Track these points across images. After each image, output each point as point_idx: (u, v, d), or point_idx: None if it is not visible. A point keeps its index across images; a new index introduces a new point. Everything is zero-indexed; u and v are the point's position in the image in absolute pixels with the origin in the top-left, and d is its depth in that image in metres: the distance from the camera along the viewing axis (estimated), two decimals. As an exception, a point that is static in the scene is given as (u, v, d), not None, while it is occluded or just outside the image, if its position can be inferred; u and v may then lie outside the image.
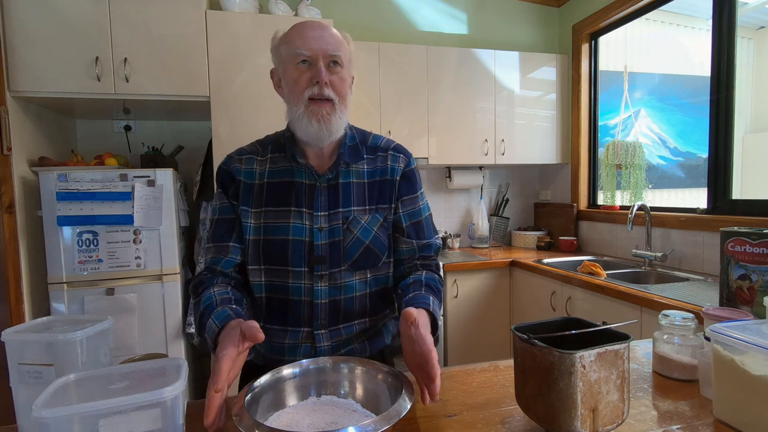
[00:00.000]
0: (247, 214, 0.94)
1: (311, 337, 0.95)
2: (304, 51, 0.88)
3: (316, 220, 0.93)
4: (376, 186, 0.98)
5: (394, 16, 2.86)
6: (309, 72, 0.88)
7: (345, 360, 0.80)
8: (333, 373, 0.79)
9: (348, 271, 0.95)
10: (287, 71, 0.91)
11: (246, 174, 0.96)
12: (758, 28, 2.89)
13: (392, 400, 0.68)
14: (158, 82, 2.03)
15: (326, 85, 0.88)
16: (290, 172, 0.95)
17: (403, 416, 0.61)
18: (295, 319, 0.95)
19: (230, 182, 0.96)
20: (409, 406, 0.63)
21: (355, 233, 0.94)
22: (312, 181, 0.94)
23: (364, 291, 0.98)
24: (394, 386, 0.71)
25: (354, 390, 0.77)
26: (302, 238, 0.92)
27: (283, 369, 0.76)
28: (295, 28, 0.92)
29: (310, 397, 0.76)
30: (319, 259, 0.93)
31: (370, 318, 1.00)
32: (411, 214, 1.01)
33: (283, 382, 0.75)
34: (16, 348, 0.70)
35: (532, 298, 2.45)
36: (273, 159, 0.97)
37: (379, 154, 1.00)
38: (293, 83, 0.90)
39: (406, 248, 1.01)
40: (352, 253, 0.94)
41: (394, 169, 0.99)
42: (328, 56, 0.88)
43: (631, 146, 2.57)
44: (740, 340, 0.69)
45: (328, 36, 0.90)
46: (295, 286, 0.93)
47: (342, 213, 0.94)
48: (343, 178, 0.95)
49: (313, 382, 0.77)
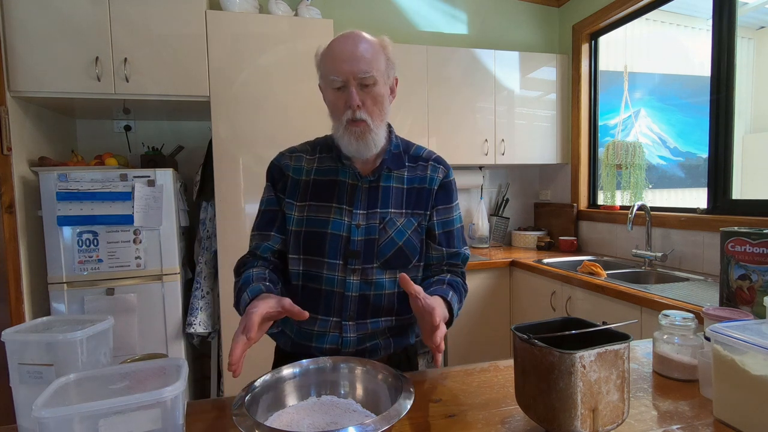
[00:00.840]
0: (292, 206, 1.01)
1: (339, 326, 0.99)
2: (336, 77, 0.92)
3: (355, 217, 0.98)
4: (414, 192, 1.03)
5: (394, 16, 2.86)
6: (343, 96, 0.93)
7: (345, 360, 0.80)
8: (333, 373, 0.79)
9: (380, 269, 0.99)
10: (326, 93, 0.97)
11: (295, 170, 1.03)
12: (758, 28, 2.89)
13: (392, 400, 0.68)
14: (158, 82, 2.03)
15: (359, 108, 0.92)
16: (335, 171, 1.01)
17: (403, 416, 0.61)
18: (326, 308, 0.99)
19: (279, 176, 1.04)
20: (409, 406, 0.63)
21: (389, 233, 0.99)
22: (355, 181, 1.00)
23: (393, 290, 1.01)
24: (394, 386, 0.71)
25: (354, 390, 0.77)
26: (340, 232, 0.98)
27: (283, 369, 0.77)
28: (329, 48, 0.94)
29: (310, 397, 0.76)
30: (353, 254, 0.98)
31: (396, 317, 1.03)
32: (444, 223, 1.06)
33: (283, 382, 0.75)
34: (16, 348, 0.70)
35: (532, 298, 2.45)
36: (321, 158, 1.04)
37: (420, 164, 1.06)
38: (332, 107, 0.97)
39: (436, 255, 1.06)
40: (386, 251, 0.99)
41: (433, 178, 1.05)
42: (360, 78, 0.91)
43: (631, 146, 2.57)
44: (740, 340, 0.69)
45: (360, 54, 0.91)
46: (329, 277, 0.98)
47: (380, 213, 1.00)
48: (384, 181, 1.01)
49: (313, 382, 0.78)
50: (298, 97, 2.20)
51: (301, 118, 2.20)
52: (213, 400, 0.86)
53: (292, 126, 2.18)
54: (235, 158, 2.14)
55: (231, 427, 0.76)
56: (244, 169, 2.16)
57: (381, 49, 0.95)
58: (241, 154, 2.15)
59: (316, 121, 2.20)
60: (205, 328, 2.15)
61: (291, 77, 2.19)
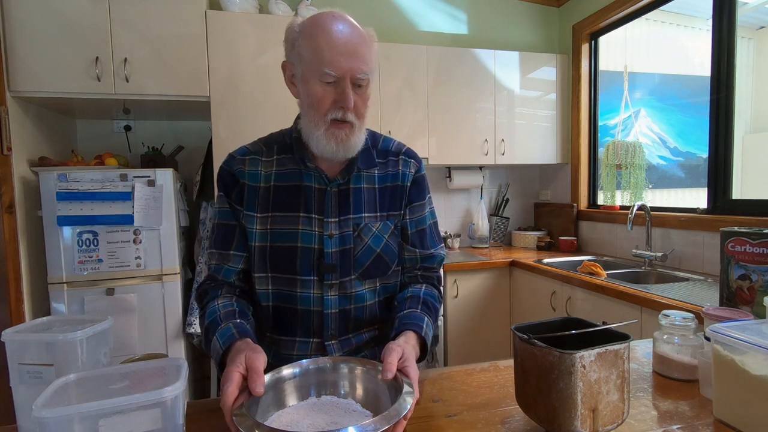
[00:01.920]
0: (253, 219, 0.89)
1: (321, 348, 0.92)
2: (333, 71, 0.80)
3: (326, 227, 0.89)
4: (388, 192, 0.95)
5: (394, 16, 2.86)
6: (334, 93, 0.82)
7: (345, 360, 0.80)
8: (333, 373, 0.78)
9: (358, 280, 0.92)
10: (309, 82, 0.83)
11: (250, 176, 0.90)
12: (758, 28, 2.90)
13: (392, 400, 0.68)
14: (158, 82, 2.03)
15: (350, 109, 0.83)
16: (299, 176, 0.90)
17: (403, 416, 0.61)
18: (305, 330, 0.91)
19: (233, 185, 0.91)
20: (409, 406, 0.63)
21: (366, 241, 0.91)
22: (322, 186, 0.90)
23: (373, 300, 0.95)
24: (394, 386, 0.71)
25: (354, 390, 0.77)
26: (311, 245, 0.89)
27: (283, 369, 0.76)
28: (322, 34, 0.81)
29: (310, 397, 0.76)
30: (329, 268, 0.89)
31: (379, 326, 0.98)
32: (417, 222, 0.98)
33: (283, 382, 0.75)
34: (16, 348, 0.70)
35: (532, 298, 2.45)
36: (280, 161, 0.92)
37: (390, 159, 0.97)
38: (316, 101, 0.83)
39: (409, 256, 0.99)
40: (363, 261, 0.91)
41: (405, 174, 0.96)
42: (356, 78, 0.82)
43: (631, 146, 2.57)
44: (740, 340, 0.69)
45: (360, 52, 0.82)
46: (304, 296, 0.90)
47: (353, 220, 0.91)
48: (354, 183, 0.92)
49: (313, 382, 0.77)
50: (298, 97, 2.20)
51: (301, 118, 2.20)
52: (213, 400, 0.86)
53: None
54: (235, 158, 2.14)
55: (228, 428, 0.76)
56: (244, 169, 2.15)
57: (372, 44, 0.86)
58: (241, 154, 2.15)
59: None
60: (205, 328, 2.14)
61: (291, 77, 2.19)
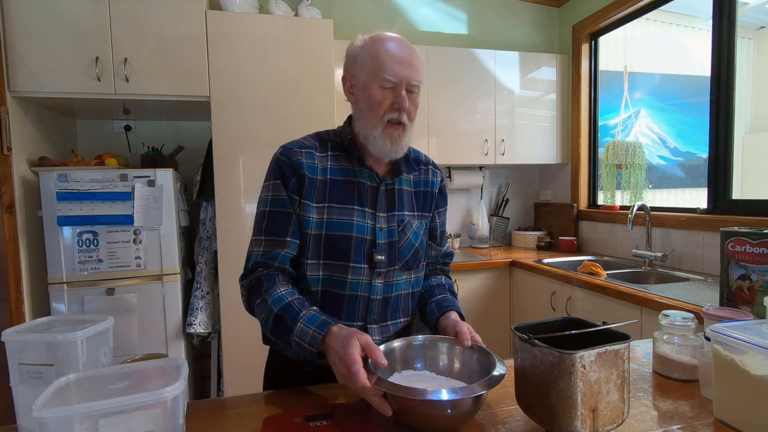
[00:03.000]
0: (310, 208, 0.96)
1: (364, 331, 0.96)
2: (392, 78, 0.93)
3: (378, 220, 1.00)
4: (421, 195, 1.08)
5: (394, 16, 2.86)
6: (392, 97, 0.94)
7: (442, 339, 0.92)
8: (432, 350, 0.90)
9: (400, 271, 1.02)
10: (369, 88, 0.95)
11: (308, 168, 0.96)
12: (758, 28, 2.90)
13: (484, 373, 0.77)
14: (158, 82, 2.03)
15: (405, 110, 0.95)
16: (353, 172, 1.00)
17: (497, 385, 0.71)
18: (350, 314, 0.99)
19: (291, 174, 0.96)
20: (504, 372, 0.74)
21: (408, 236, 1.03)
22: (374, 184, 1.01)
23: (408, 290, 1.05)
24: (483, 362, 0.82)
25: (452, 364, 0.89)
26: (364, 236, 0.98)
27: (394, 342, 0.89)
28: (383, 46, 0.95)
29: (414, 368, 0.88)
30: (380, 257, 0.99)
31: (409, 316, 1.08)
32: (441, 224, 1.15)
33: (393, 353, 0.87)
34: (17, 348, 0.70)
35: (532, 298, 2.45)
36: (334, 157, 1.00)
37: (422, 167, 1.10)
38: (376, 104, 0.94)
39: (434, 254, 1.14)
40: (405, 253, 1.02)
41: (434, 182, 1.11)
42: (411, 85, 0.95)
43: (631, 146, 2.57)
44: (740, 340, 0.69)
45: (415, 63, 0.97)
46: (354, 282, 0.98)
47: (398, 216, 1.02)
48: (398, 184, 1.04)
49: (417, 354, 0.89)
50: (298, 97, 2.20)
51: (301, 118, 2.20)
52: (213, 400, 0.86)
53: (292, 126, 2.18)
54: (235, 158, 2.14)
55: (231, 427, 0.76)
56: (244, 169, 2.16)
57: (420, 59, 1.00)
58: (241, 154, 2.15)
59: (316, 121, 2.20)
60: (205, 328, 2.15)
61: (291, 77, 2.19)
